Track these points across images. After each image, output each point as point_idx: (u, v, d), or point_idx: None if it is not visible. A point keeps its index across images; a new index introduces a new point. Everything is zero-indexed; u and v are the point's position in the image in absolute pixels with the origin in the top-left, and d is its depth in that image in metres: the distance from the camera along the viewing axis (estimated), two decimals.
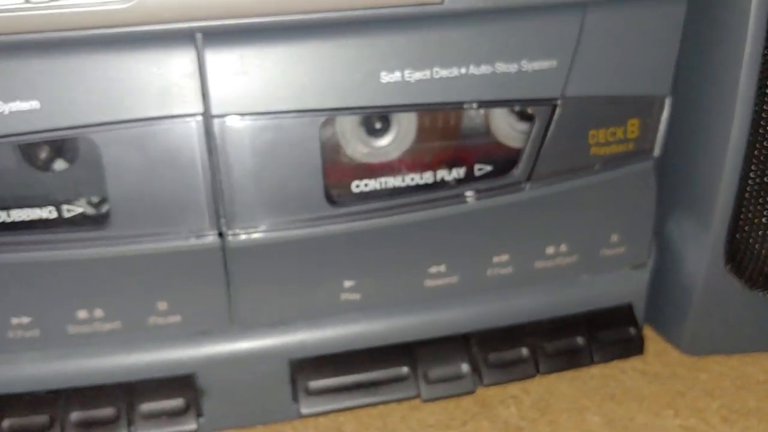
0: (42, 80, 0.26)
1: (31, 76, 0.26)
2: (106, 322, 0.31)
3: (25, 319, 0.30)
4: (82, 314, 0.30)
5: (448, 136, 0.32)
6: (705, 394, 0.37)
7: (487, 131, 0.32)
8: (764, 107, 0.32)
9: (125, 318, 0.31)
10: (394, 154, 0.31)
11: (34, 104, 0.26)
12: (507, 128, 0.32)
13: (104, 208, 0.28)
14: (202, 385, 0.32)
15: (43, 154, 0.28)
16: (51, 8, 0.24)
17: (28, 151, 0.28)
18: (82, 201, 0.28)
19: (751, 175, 0.34)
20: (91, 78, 0.26)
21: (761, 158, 0.34)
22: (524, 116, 0.32)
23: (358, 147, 0.31)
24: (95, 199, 0.28)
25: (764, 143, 0.33)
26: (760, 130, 0.33)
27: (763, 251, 0.36)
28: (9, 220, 0.28)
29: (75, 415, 0.31)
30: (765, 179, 0.34)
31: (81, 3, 0.24)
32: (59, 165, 0.28)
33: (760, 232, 0.35)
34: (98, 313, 0.30)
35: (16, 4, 0.23)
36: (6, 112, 0.26)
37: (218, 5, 0.26)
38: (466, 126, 0.32)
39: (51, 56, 0.26)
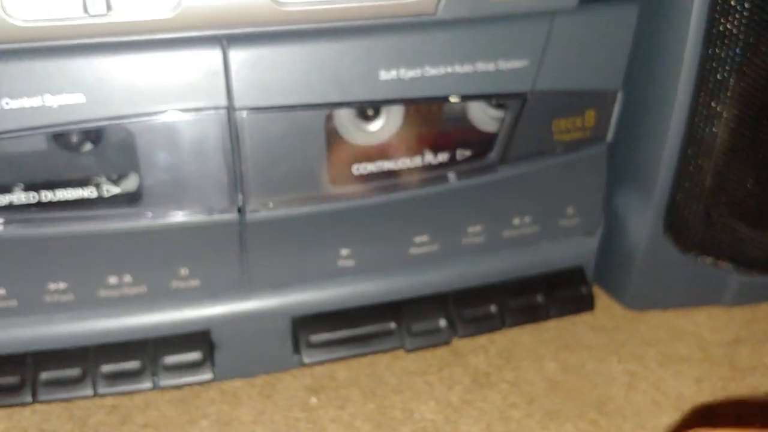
0: (87, 77, 0.29)
1: (77, 73, 0.29)
2: (134, 287, 0.34)
3: (62, 285, 0.33)
4: (112, 280, 0.34)
5: (431, 122, 0.36)
6: (643, 343, 0.42)
7: (466, 121, 0.36)
8: (699, 100, 0.37)
9: (150, 283, 0.34)
10: (383, 138, 0.35)
11: (80, 98, 0.30)
12: (483, 118, 0.36)
13: (137, 188, 0.32)
14: (216, 340, 0.36)
15: (86, 141, 0.31)
16: (107, 18, 0.27)
17: (73, 138, 0.31)
18: (119, 182, 0.32)
19: (688, 156, 0.39)
20: (131, 75, 0.30)
21: (696, 143, 0.38)
22: (499, 107, 0.36)
23: (352, 130, 0.35)
24: (130, 180, 0.32)
25: (699, 130, 0.38)
26: (696, 119, 0.37)
27: (696, 221, 0.41)
28: (55, 198, 0.31)
29: (104, 368, 0.35)
30: (699, 161, 0.39)
31: (132, 14, 0.27)
32: (99, 150, 0.31)
33: (693, 205, 0.40)
34: (127, 278, 0.34)
35: (78, 14, 0.27)
36: (55, 105, 0.29)
37: (242, 16, 0.29)
38: (447, 114, 0.36)
39: (96, 55, 0.29)
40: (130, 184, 0.32)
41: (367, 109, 0.35)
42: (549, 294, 0.41)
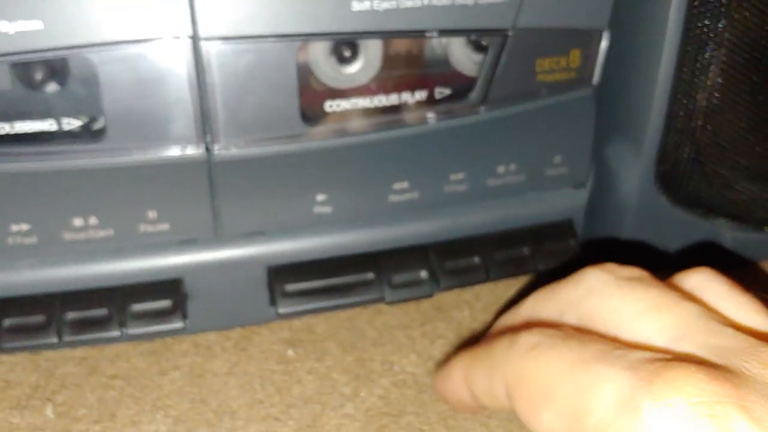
0: (45, 2, 0.28)
1: None
2: (100, 230, 0.33)
3: (24, 227, 0.32)
4: (77, 222, 0.33)
5: (410, 63, 0.35)
6: None
7: (446, 60, 0.35)
8: (688, 41, 0.36)
9: (117, 226, 0.33)
10: (362, 81, 0.34)
11: (38, 24, 0.28)
12: (463, 58, 0.35)
13: (100, 123, 0.31)
14: (188, 289, 0.35)
15: (45, 72, 0.30)
16: None
17: (30, 68, 0.30)
18: (80, 116, 0.31)
19: (677, 103, 0.37)
20: (91, 1, 0.29)
21: (687, 90, 0.37)
22: (479, 47, 0.35)
23: (330, 74, 0.34)
24: (92, 114, 0.31)
25: (689, 75, 0.37)
26: (686, 62, 0.36)
27: (687, 171, 0.40)
28: (12, 131, 0.30)
29: (70, 315, 0.33)
30: (690, 107, 0.38)
31: None
32: (60, 82, 0.30)
33: (684, 155, 0.39)
34: (92, 220, 0.33)
35: None
36: (11, 32, 0.28)
37: None
38: (427, 55, 0.35)
39: None
40: (93, 117, 0.31)
41: (344, 50, 0.34)
42: (536, 246, 0.40)
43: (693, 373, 0.20)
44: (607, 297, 0.26)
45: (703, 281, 0.26)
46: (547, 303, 0.28)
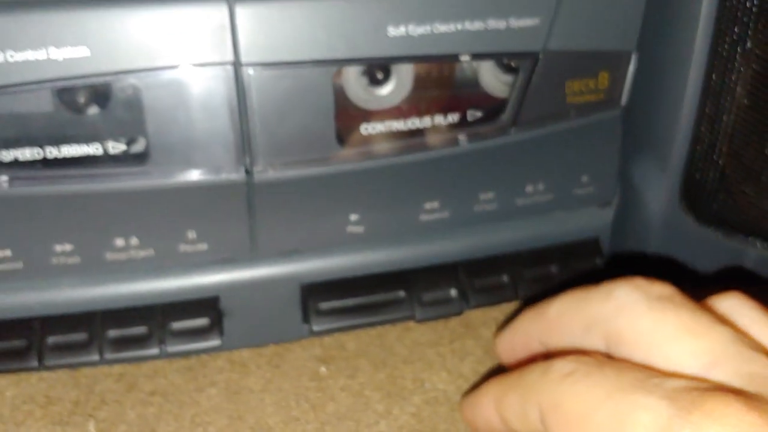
0: (92, 29, 0.29)
1: (81, 25, 0.29)
2: (141, 250, 0.34)
3: (68, 247, 0.33)
4: (119, 242, 0.33)
5: (441, 85, 0.36)
6: None
7: (476, 81, 0.36)
8: (715, 63, 0.36)
9: (158, 246, 0.34)
10: (393, 102, 0.35)
11: (84, 51, 0.29)
12: (493, 79, 0.36)
13: (143, 146, 0.32)
14: (224, 307, 0.36)
15: (90, 97, 0.31)
16: None
17: (76, 93, 0.31)
18: (124, 139, 0.32)
19: (704, 123, 0.38)
20: (136, 28, 0.29)
21: (713, 110, 0.37)
22: (509, 69, 0.36)
23: (362, 95, 0.34)
24: (136, 138, 0.32)
25: (715, 95, 0.37)
26: (712, 83, 0.36)
27: (713, 190, 0.40)
28: (60, 155, 0.31)
29: (111, 333, 0.34)
30: (715, 126, 0.38)
31: None
32: (104, 106, 0.31)
33: (710, 174, 0.40)
34: (134, 241, 0.34)
35: None
36: (59, 59, 0.29)
37: None
38: (457, 76, 0.36)
39: (100, 8, 0.29)
40: (136, 141, 0.32)
41: (377, 72, 0.34)
42: (563, 265, 0.40)
43: (731, 404, 0.20)
44: (638, 317, 0.26)
45: (734, 305, 0.26)
46: (575, 314, 0.28)
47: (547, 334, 0.30)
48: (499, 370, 0.37)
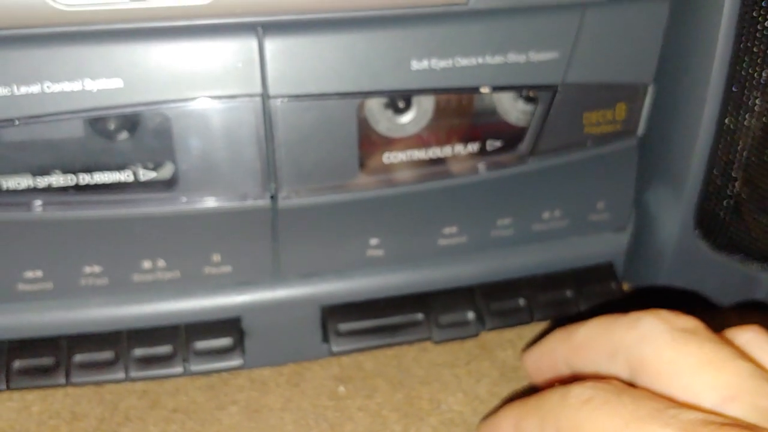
0: (125, 62, 0.30)
1: (115, 58, 0.30)
2: (167, 272, 0.35)
3: (97, 269, 0.34)
4: (146, 264, 0.34)
5: (461, 113, 0.36)
6: None
7: (494, 111, 0.36)
8: (730, 94, 0.37)
9: (184, 268, 0.35)
10: (414, 130, 0.36)
11: (118, 83, 0.30)
12: (512, 109, 0.36)
13: (172, 173, 0.33)
14: (247, 327, 0.37)
15: (123, 126, 0.32)
16: (146, 3, 0.28)
17: (110, 122, 0.32)
18: (154, 167, 0.32)
19: (719, 152, 0.38)
20: (167, 61, 0.30)
21: (728, 139, 0.38)
22: (527, 99, 0.37)
23: (384, 123, 0.35)
24: (165, 165, 0.33)
25: (731, 125, 0.38)
26: (728, 115, 0.37)
27: (727, 218, 0.41)
28: (92, 182, 0.32)
29: (137, 352, 0.35)
30: (730, 156, 0.39)
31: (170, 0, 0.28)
32: (136, 135, 0.32)
33: (724, 202, 0.40)
34: (161, 263, 0.35)
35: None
36: (94, 90, 0.30)
37: (277, 4, 0.30)
38: (476, 105, 0.36)
39: (133, 41, 0.30)
40: (166, 169, 0.33)
41: (398, 101, 0.35)
42: (578, 289, 0.41)
43: None
44: (661, 347, 0.27)
45: (752, 339, 0.27)
46: (601, 340, 0.29)
47: (573, 358, 0.31)
48: (515, 393, 0.38)
